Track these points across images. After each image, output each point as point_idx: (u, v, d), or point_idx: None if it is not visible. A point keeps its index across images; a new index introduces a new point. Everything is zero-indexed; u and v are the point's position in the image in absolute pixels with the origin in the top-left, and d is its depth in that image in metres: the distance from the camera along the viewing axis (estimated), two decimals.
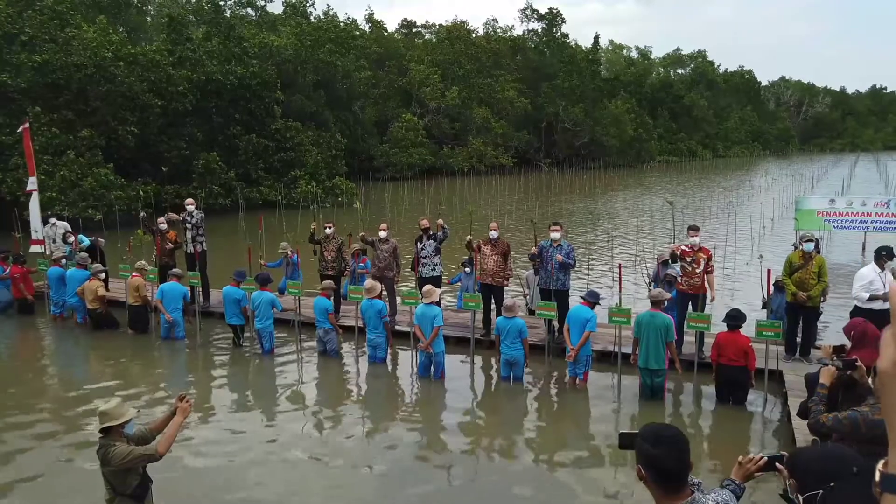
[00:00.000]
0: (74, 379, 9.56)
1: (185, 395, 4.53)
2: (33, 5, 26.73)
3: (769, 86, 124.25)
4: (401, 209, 30.33)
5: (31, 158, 14.95)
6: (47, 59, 25.02)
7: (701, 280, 9.01)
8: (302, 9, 56.71)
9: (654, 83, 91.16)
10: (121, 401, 4.50)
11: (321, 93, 44.78)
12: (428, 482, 6.36)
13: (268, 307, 10.10)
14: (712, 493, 2.49)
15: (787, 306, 9.04)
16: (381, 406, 8.38)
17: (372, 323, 9.54)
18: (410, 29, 75.57)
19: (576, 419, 8.02)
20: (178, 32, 32.59)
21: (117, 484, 4.40)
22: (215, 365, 9.90)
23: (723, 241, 18.84)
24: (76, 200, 23.89)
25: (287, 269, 12.55)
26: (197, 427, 7.57)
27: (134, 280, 11.25)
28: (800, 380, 7.58)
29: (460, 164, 53.76)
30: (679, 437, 2.40)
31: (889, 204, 16.99)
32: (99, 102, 26.92)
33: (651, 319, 7.94)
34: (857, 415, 4.11)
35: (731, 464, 2.98)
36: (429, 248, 10.81)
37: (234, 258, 15.29)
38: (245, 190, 31.31)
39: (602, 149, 66.99)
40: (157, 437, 4.57)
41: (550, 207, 32.11)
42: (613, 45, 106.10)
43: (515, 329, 8.62)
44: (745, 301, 12.03)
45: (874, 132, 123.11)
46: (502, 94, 59.38)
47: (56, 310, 12.34)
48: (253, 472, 6.48)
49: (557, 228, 9.70)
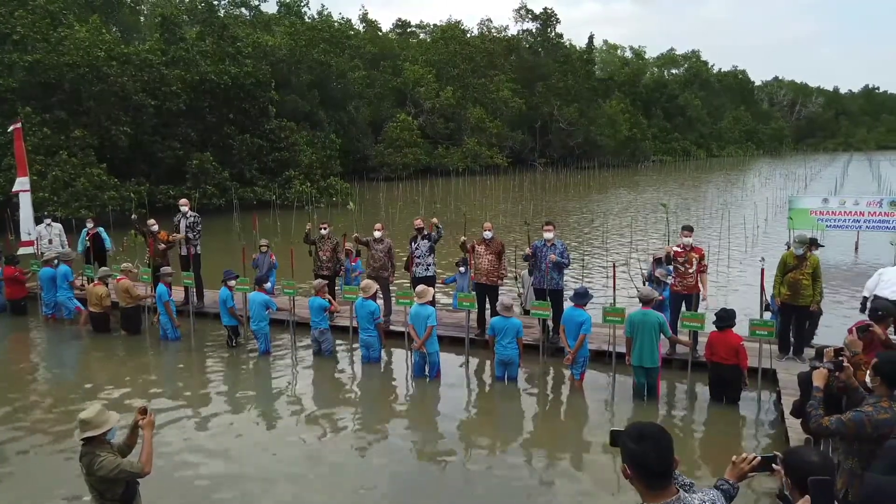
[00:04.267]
0: (66, 381, 9.49)
1: (146, 408, 4.49)
2: (25, 4, 26.57)
3: (763, 86, 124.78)
4: (395, 209, 30.29)
5: (22, 159, 14.83)
6: (39, 59, 24.88)
7: (694, 280, 9.03)
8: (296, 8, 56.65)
9: (648, 83, 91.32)
10: (102, 408, 4.43)
11: (315, 93, 44.69)
12: (425, 482, 6.34)
13: (262, 309, 10.05)
14: (699, 493, 2.49)
15: (781, 305, 9.08)
16: (376, 406, 8.36)
17: (364, 323, 9.52)
18: (405, 29, 75.53)
19: (571, 418, 8.02)
20: (171, 32, 32.47)
21: (104, 490, 4.36)
22: (210, 366, 9.85)
23: (716, 240, 18.89)
24: (69, 201, 23.76)
25: (263, 266, 12.40)
26: (191, 428, 7.53)
27: (122, 282, 11.18)
28: (793, 379, 7.60)
29: (455, 164, 53.73)
30: (661, 434, 2.40)
31: (882, 203, 17.08)
32: (92, 102, 26.78)
33: (643, 318, 7.95)
34: (861, 415, 4.09)
35: (724, 463, 2.98)
36: (423, 248, 10.80)
37: (228, 258, 15.23)
38: (239, 190, 31.19)
39: (596, 149, 67.11)
40: (136, 453, 4.51)
41: (544, 207, 32.14)
42: (608, 44, 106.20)
43: (513, 329, 8.59)
44: (740, 301, 12.06)
45: (867, 132, 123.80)
46: (497, 94, 59.38)
47: (48, 310, 12.28)
48: (247, 472, 6.45)
49: (550, 228, 9.71)
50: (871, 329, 5.14)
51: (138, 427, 4.49)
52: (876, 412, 4.06)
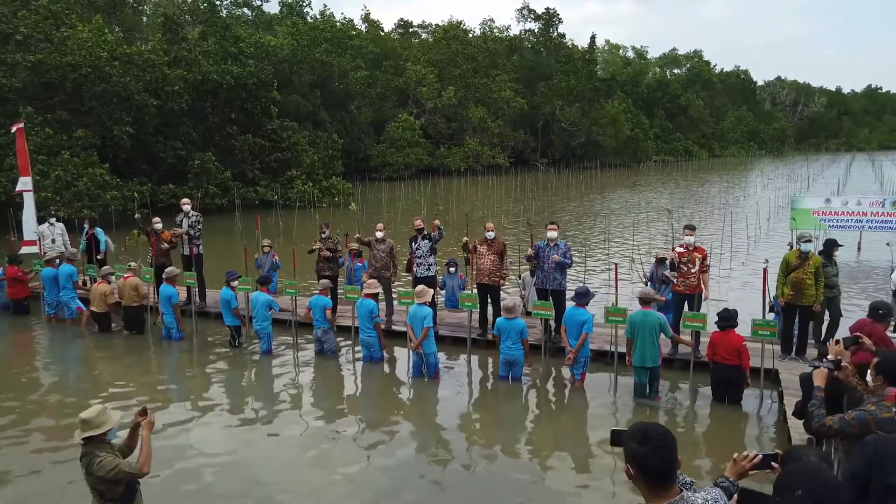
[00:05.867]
0: (68, 380, 9.53)
1: (146, 409, 4.50)
2: (28, 5, 26.64)
3: (765, 86, 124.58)
4: (397, 209, 30.30)
5: (25, 159, 14.86)
6: (42, 59, 24.92)
7: (697, 280, 9.02)
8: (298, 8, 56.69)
9: (650, 83, 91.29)
10: (102, 408, 4.44)
11: (317, 93, 44.76)
12: (425, 481, 6.35)
13: (265, 308, 10.07)
14: (702, 492, 2.48)
15: (784, 306, 9.06)
16: (377, 406, 8.36)
17: (363, 322, 9.52)
18: (407, 29, 75.54)
19: (573, 418, 8.02)
20: (173, 32, 32.53)
21: (104, 490, 4.36)
22: (212, 366, 9.87)
23: (718, 241, 18.86)
24: (71, 201, 23.79)
25: (265, 266, 12.43)
26: (193, 427, 7.55)
27: (131, 280, 11.21)
28: (795, 379, 7.60)
29: (457, 164, 53.75)
30: (665, 435, 2.39)
31: (884, 203, 17.05)
32: (94, 102, 26.82)
33: (644, 318, 7.95)
34: (866, 415, 4.09)
35: (725, 462, 2.99)
36: (423, 248, 10.80)
37: (230, 258, 15.26)
38: (241, 190, 31.25)
39: (598, 149, 67.08)
40: (136, 454, 4.51)
41: (547, 207, 32.13)
42: (610, 44, 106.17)
43: (516, 330, 8.59)
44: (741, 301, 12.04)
45: (870, 132, 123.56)
46: (499, 93, 59.38)
47: (50, 310, 12.31)
48: (248, 471, 6.46)
49: (554, 228, 9.70)
50: (860, 341, 5.17)
51: (138, 428, 4.51)
52: (879, 411, 4.06)
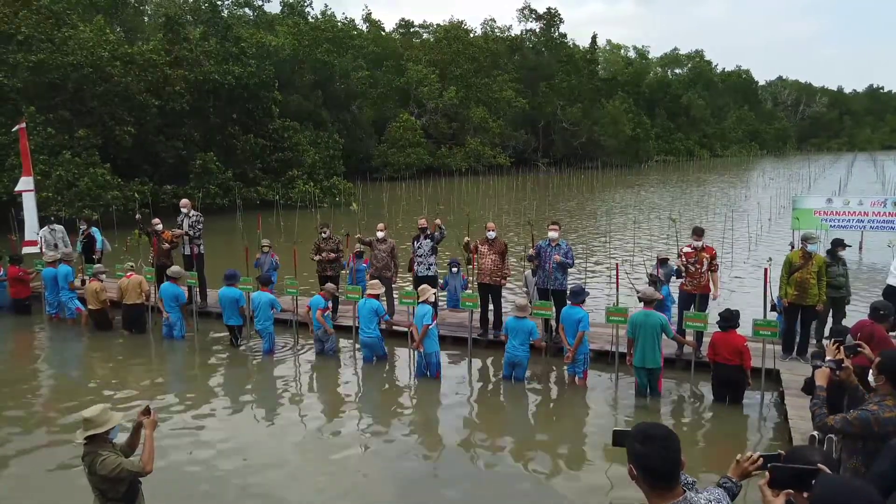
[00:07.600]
0: (70, 380, 9.53)
1: (149, 408, 4.50)
2: (29, 5, 26.63)
3: (766, 85, 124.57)
4: (398, 209, 30.30)
5: (27, 158, 14.88)
6: (43, 59, 24.93)
7: (706, 279, 8.99)
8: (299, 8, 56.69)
9: (651, 83, 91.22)
10: (105, 407, 4.43)
11: (319, 93, 44.75)
12: (426, 481, 6.35)
13: (267, 308, 10.08)
14: (705, 493, 2.47)
15: (787, 305, 9.04)
16: (378, 406, 8.36)
17: (364, 322, 9.51)
18: (408, 29, 75.63)
19: (575, 418, 8.01)
20: (175, 32, 32.52)
21: (106, 489, 4.36)
22: (213, 365, 9.88)
23: (720, 241, 18.84)
24: (72, 200, 23.80)
25: (265, 266, 12.43)
26: (194, 427, 7.55)
27: (135, 278, 11.20)
28: (797, 379, 7.59)
29: (458, 164, 53.77)
30: (669, 435, 2.37)
31: (886, 203, 17.02)
32: (95, 102, 26.84)
33: (645, 319, 7.94)
34: (867, 414, 4.08)
35: (727, 462, 2.98)
36: (425, 248, 10.80)
37: (231, 258, 15.26)
38: (242, 190, 31.26)
39: (599, 148, 67.04)
40: (138, 453, 4.51)
41: (548, 207, 32.11)
42: (611, 44, 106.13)
43: (525, 330, 8.56)
44: (743, 301, 12.03)
45: (871, 132, 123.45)
46: (500, 93, 59.40)
47: (52, 310, 12.32)
48: (249, 471, 6.46)
49: (556, 228, 9.69)
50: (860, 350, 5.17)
51: (141, 427, 4.50)
52: (881, 410, 4.05)
